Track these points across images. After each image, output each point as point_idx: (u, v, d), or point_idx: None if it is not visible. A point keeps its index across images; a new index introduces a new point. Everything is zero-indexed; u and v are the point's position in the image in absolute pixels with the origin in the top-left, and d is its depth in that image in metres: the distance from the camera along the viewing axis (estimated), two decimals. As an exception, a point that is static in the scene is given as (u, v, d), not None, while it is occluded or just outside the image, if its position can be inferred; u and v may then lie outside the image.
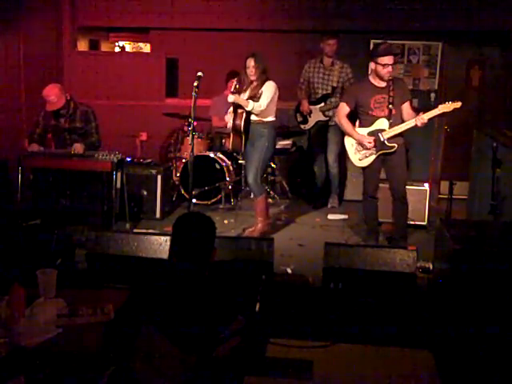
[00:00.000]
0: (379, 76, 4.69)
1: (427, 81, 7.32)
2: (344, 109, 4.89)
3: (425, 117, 4.58)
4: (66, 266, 4.09)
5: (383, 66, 4.63)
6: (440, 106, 4.57)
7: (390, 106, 4.69)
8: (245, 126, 5.06)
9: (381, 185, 5.06)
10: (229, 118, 5.14)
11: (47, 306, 2.70)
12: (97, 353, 2.35)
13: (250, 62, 5.00)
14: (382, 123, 4.73)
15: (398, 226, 5.03)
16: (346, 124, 4.90)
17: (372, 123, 4.78)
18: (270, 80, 5.06)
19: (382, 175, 4.99)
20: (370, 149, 4.79)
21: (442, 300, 3.78)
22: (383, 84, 4.73)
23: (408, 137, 5.02)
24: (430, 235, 5.20)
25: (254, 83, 5.05)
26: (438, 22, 7.01)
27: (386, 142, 4.71)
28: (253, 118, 5.09)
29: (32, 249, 4.05)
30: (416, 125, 4.62)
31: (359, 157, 4.88)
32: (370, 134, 4.77)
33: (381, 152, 4.76)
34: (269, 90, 5.00)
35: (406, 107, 4.75)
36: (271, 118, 5.12)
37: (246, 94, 5.09)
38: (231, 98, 5.01)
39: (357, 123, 4.91)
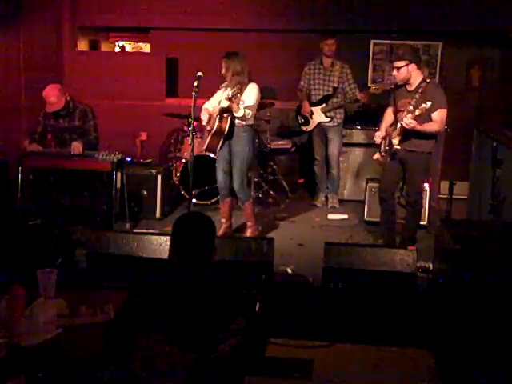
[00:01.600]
0: None
1: (427, 81, 7.31)
2: (388, 109, 4.97)
3: (408, 117, 4.44)
4: (66, 266, 4.09)
5: (392, 69, 4.71)
6: (424, 104, 4.39)
7: (410, 108, 4.54)
8: (229, 130, 4.96)
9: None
10: (205, 117, 4.97)
11: (47, 306, 2.69)
12: (97, 353, 2.35)
13: (222, 63, 4.93)
14: (397, 125, 4.68)
15: (405, 228, 5.04)
16: (383, 119, 4.98)
17: (395, 124, 4.75)
18: (252, 82, 4.92)
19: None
20: (385, 147, 4.80)
21: (441, 300, 3.78)
22: (412, 88, 4.67)
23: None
24: (430, 235, 5.20)
25: (231, 84, 4.90)
26: (438, 22, 7.00)
27: (392, 141, 4.69)
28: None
29: (32, 249, 4.04)
30: (404, 128, 4.51)
31: (380, 155, 4.89)
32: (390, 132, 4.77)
33: (388, 151, 4.77)
34: (254, 94, 4.90)
35: (434, 115, 4.52)
36: (251, 122, 5.03)
37: (225, 95, 4.94)
38: (225, 104, 4.85)
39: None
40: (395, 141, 4.65)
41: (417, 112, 4.39)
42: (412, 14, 7.03)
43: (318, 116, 6.29)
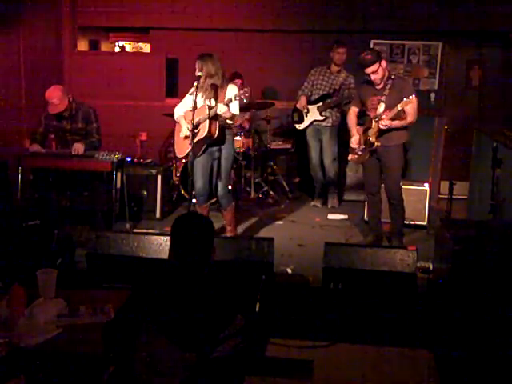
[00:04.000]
0: None
1: (427, 81, 7.31)
2: (352, 108, 5.06)
3: (384, 118, 4.58)
4: (66, 266, 4.09)
5: (369, 76, 4.73)
6: (398, 105, 4.52)
7: (382, 105, 4.68)
8: (218, 134, 4.83)
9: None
10: (184, 124, 4.81)
11: (47, 305, 2.70)
12: (97, 353, 2.35)
13: (196, 64, 4.74)
14: (371, 123, 4.79)
15: (392, 225, 5.09)
16: (349, 121, 5.06)
17: (368, 123, 4.86)
18: (230, 84, 4.83)
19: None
20: (361, 147, 4.87)
21: (441, 300, 3.78)
22: (380, 86, 4.77)
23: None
24: (430, 235, 5.20)
25: (204, 86, 4.75)
26: (438, 22, 7.01)
27: (370, 139, 4.77)
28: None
29: (32, 249, 4.04)
30: (379, 127, 4.64)
31: (356, 155, 4.95)
32: (363, 132, 4.87)
33: (367, 150, 4.83)
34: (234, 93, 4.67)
35: (407, 108, 4.61)
36: (231, 122, 4.86)
37: (200, 96, 4.78)
38: (223, 109, 4.61)
39: None
40: (372, 139, 4.74)
41: (399, 107, 4.52)
42: (412, 14, 7.03)
43: (313, 114, 6.28)
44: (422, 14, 7.00)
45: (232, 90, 4.74)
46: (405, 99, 4.48)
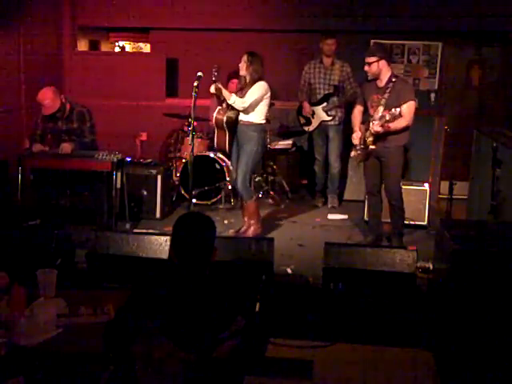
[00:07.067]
0: None
1: (427, 81, 7.31)
2: (357, 106, 5.04)
3: (376, 124, 4.59)
4: (65, 266, 4.09)
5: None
6: (386, 115, 4.54)
7: (380, 106, 4.68)
8: (227, 122, 5.00)
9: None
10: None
11: (47, 306, 2.70)
12: (97, 353, 2.35)
13: (243, 57, 4.98)
14: (369, 123, 4.77)
15: (392, 225, 5.08)
16: (353, 119, 5.05)
17: (367, 123, 4.84)
18: (262, 81, 5.00)
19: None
20: (360, 145, 4.88)
21: (441, 300, 3.78)
22: (382, 84, 4.76)
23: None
24: (430, 235, 5.20)
25: (247, 81, 5.01)
26: (438, 22, 7.00)
27: (366, 140, 4.77)
28: (242, 118, 5.04)
29: (32, 249, 4.04)
30: (376, 132, 4.64)
31: (357, 152, 4.96)
32: (364, 131, 4.86)
33: (365, 150, 4.83)
34: (257, 89, 4.95)
35: (403, 109, 4.56)
36: (261, 121, 5.06)
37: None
38: (212, 88, 4.92)
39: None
40: (369, 140, 4.74)
41: (387, 117, 4.51)
42: (412, 14, 7.03)
43: (320, 115, 6.29)
44: (422, 14, 7.00)
45: (254, 86, 4.94)
46: (393, 110, 4.47)
